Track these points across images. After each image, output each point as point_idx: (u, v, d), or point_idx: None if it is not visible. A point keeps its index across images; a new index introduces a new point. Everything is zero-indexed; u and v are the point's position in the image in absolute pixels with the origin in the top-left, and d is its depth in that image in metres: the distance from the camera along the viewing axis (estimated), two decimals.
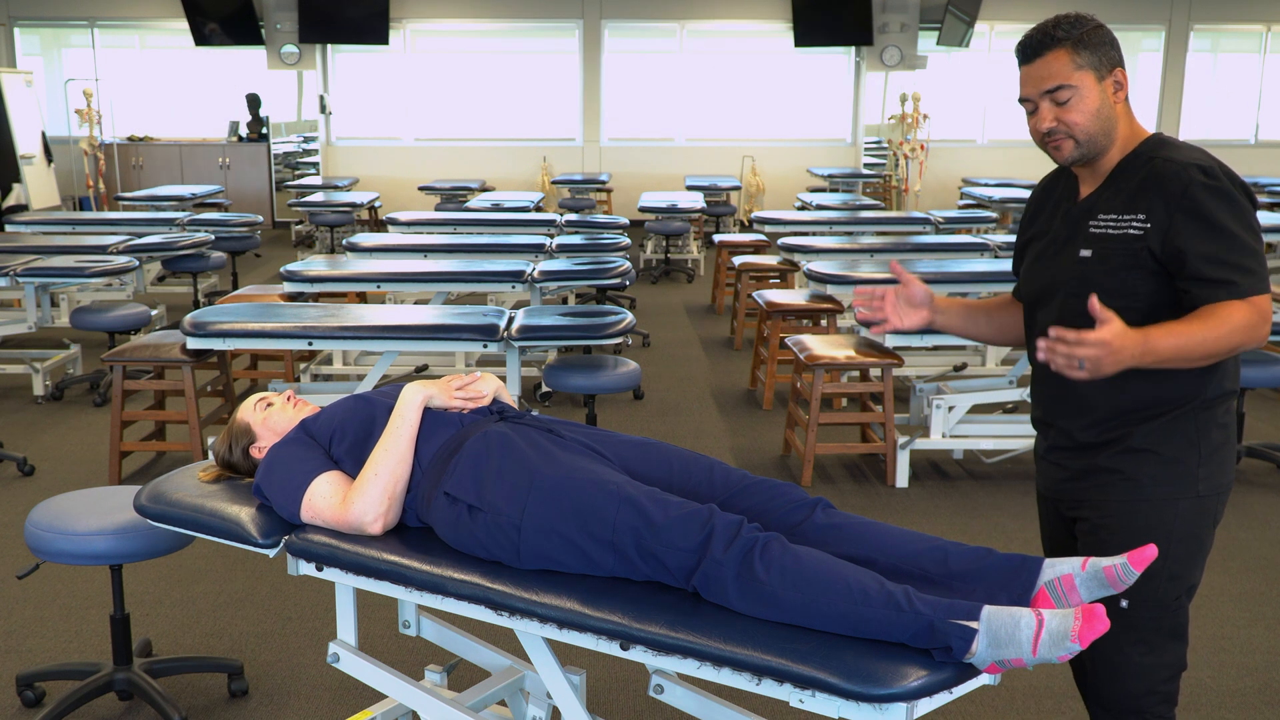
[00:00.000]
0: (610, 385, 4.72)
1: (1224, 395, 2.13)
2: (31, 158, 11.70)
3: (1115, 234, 2.09)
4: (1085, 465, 2.18)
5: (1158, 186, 2.05)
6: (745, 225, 13.47)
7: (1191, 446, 2.10)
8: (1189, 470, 2.11)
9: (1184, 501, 2.11)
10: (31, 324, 6.20)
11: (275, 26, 13.27)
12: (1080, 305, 2.05)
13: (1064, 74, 2.08)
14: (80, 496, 2.99)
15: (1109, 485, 2.14)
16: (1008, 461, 5.21)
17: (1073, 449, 2.19)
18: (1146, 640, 2.13)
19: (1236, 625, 3.63)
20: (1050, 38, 2.10)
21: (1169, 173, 2.04)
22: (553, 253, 6.63)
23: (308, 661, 3.36)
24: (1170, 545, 2.10)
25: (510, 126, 14.19)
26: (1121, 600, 2.10)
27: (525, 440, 2.28)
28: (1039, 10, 13.74)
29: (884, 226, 8.73)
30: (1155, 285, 2.06)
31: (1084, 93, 2.09)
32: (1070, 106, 2.09)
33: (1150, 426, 2.10)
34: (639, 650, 1.97)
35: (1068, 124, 2.10)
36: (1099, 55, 2.09)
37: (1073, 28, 2.10)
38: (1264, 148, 14.60)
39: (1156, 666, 2.15)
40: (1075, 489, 2.21)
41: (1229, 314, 1.97)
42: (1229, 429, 2.16)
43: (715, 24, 14.01)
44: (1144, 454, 2.11)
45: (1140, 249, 2.05)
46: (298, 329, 4.67)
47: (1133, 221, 2.07)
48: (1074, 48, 2.08)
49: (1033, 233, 2.32)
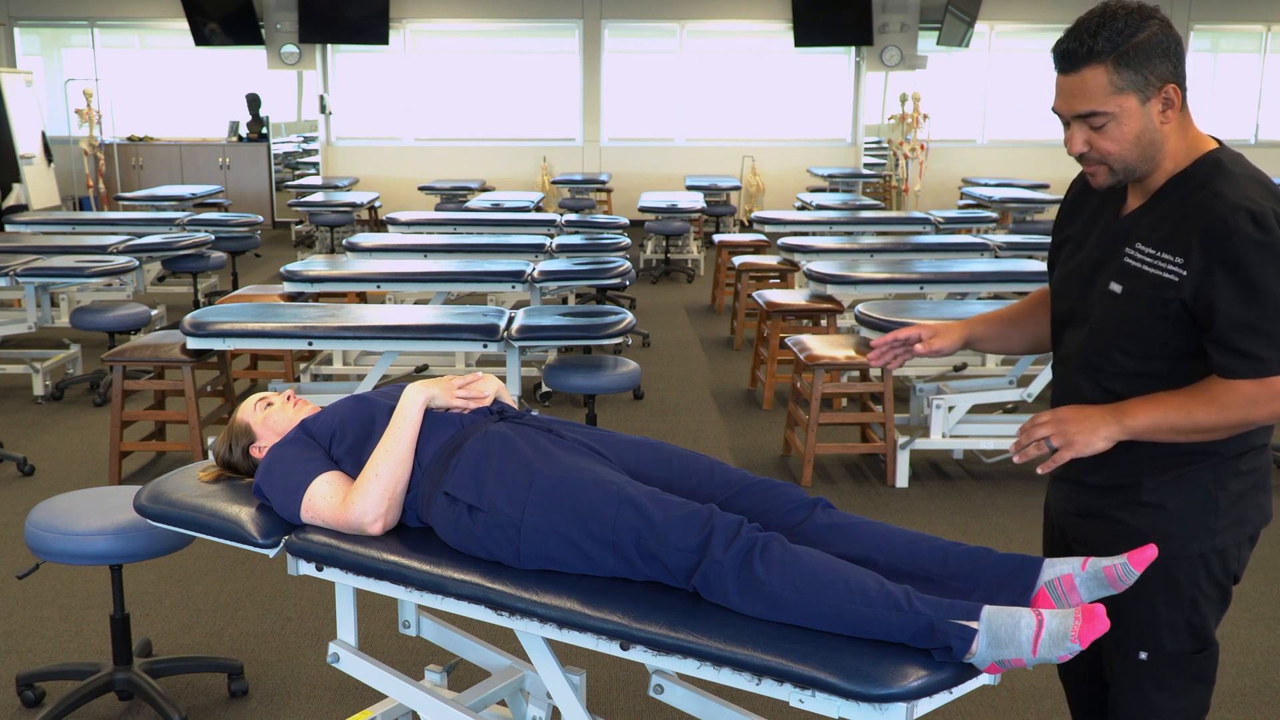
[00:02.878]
0: (610, 385, 4.72)
1: (1249, 451, 1.95)
2: (31, 158, 11.70)
3: (1149, 273, 1.88)
4: (1090, 507, 2.06)
5: (1200, 229, 1.81)
6: (745, 225, 13.47)
7: (1208, 500, 1.94)
8: (1203, 525, 1.95)
9: (1198, 557, 1.96)
10: (31, 324, 6.20)
11: (275, 26, 13.27)
12: (1104, 343, 1.96)
13: (1099, 98, 1.82)
14: (80, 496, 2.99)
15: (1115, 536, 2.01)
16: (1008, 461, 5.21)
17: (1080, 486, 2.08)
18: (1171, 687, 2.02)
19: (1236, 625, 3.63)
20: (1089, 50, 1.81)
21: (1215, 214, 1.80)
22: (553, 253, 6.63)
23: (308, 661, 3.36)
24: (1185, 598, 1.97)
25: (510, 126, 14.18)
26: (1140, 652, 2.00)
27: (525, 440, 2.28)
28: (1039, 10, 13.76)
29: (884, 226, 8.73)
30: (1182, 338, 1.88)
31: (1122, 119, 1.83)
32: (1105, 133, 1.85)
33: (1161, 480, 1.95)
34: (639, 650, 1.97)
35: (1101, 152, 1.87)
36: (1146, 72, 1.81)
37: (1118, 37, 1.79)
38: (1264, 148, 14.59)
39: (1177, 711, 2.04)
40: (1078, 525, 2.11)
41: (1228, 392, 1.82)
42: (1256, 473, 1.98)
43: (715, 24, 14.00)
44: (1153, 510, 1.96)
45: (1172, 299, 1.85)
46: (298, 329, 4.67)
47: (1170, 264, 1.85)
48: (1115, 65, 1.80)
49: (1068, 233, 2.13)
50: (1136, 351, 1.92)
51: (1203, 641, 2.01)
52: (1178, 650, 2.00)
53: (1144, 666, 2.01)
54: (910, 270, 6.08)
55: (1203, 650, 2.02)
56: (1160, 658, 2.01)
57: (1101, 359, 1.98)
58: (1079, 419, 1.87)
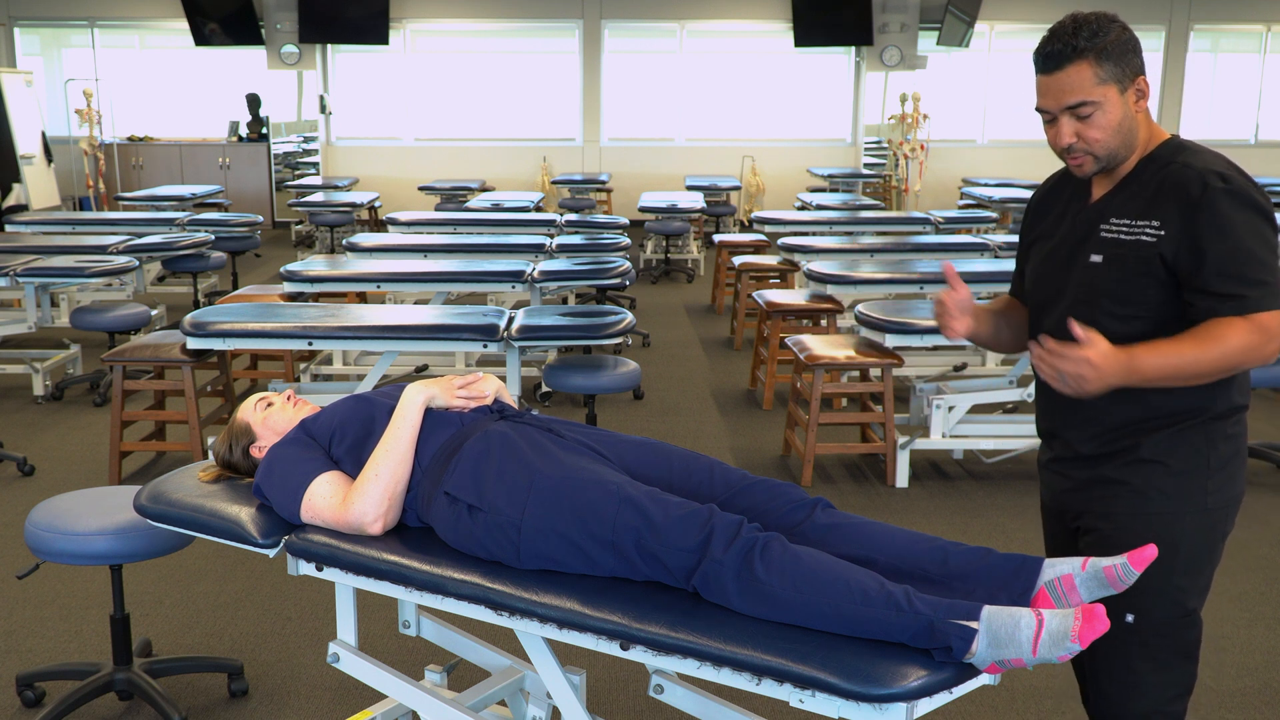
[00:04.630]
0: (610, 385, 4.72)
1: (1234, 409, 2.07)
2: (31, 158, 11.70)
3: (1128, 239, 2.02)
4: (1090, 476, 2.13)
5: (1174, 193, 1.97)
6: (745, 225, 13.47)
7: (1200, 459, 2.04)
8: (1198, 483, 2.05)
9: (1191, 515, 2.05)
10: (31, 324, 6.20)
11: (275, 26, 13.27)
12: (1087, 313, 2.03)
13: (1086, 89, 1.98)
14: (80, 496, 2.99)
15: (1115, 497, 2.09)
16: (1008, 461, 5.21)
17: (1077, 460, 2.15)
18: (1155, 657, 2.08)
19: (1236, 625, 3.63)
20: (1072, 48, 1.97)
21: (1186, 179, 1.96)
22: (553, 253, 6.63)
23: (308, 661, 3.36)
24: (1176, 559, 2.04)
25: (510, 126, 14.19)
26: (1127, 614, 2.05)
27: (525, 440, 2.28)
28: (1039, 10, 13.76)
29: (884, 226, 8.73)
30: (1165, 295, 2.00)
31: (1107, 107, 1.99)
32: (1092, 122, 2.00)
33: (1158, 437, 2.04)
34: (639, 650, 1.97)
35: (1088, 140, 2.01)
36: (1122, 65, 1.98)
37: (1095, 36, 1.97)
38: (1264, 148, 14.60)
39: (1165, 685, 2.09)
40: (1080, 499, 2.16)
41: (1226, 334, 1.91)
42: (1239, 440, 2.10)
43: (715, 24, 14.00)
44: (1152, 465, 2.05)
45: (1152, 256, 1.98)
46: (298, 329, 4.67)
47: (1146, 228, 1.99)
48: (1097, 59, 1.97)
49: (1038, 233, 2.24)
50: (1122, 314, 1.99)
51: (1188, 609, 2.07)
52: (1164, 617, 2.06)
53: (1130, 630, 2.07)
54: (910, 270, 6.08)
55: (1187, 619, 2.08)
56: (1146, 624, 2.06)
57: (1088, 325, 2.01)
58: (1100, 373, 1.87)
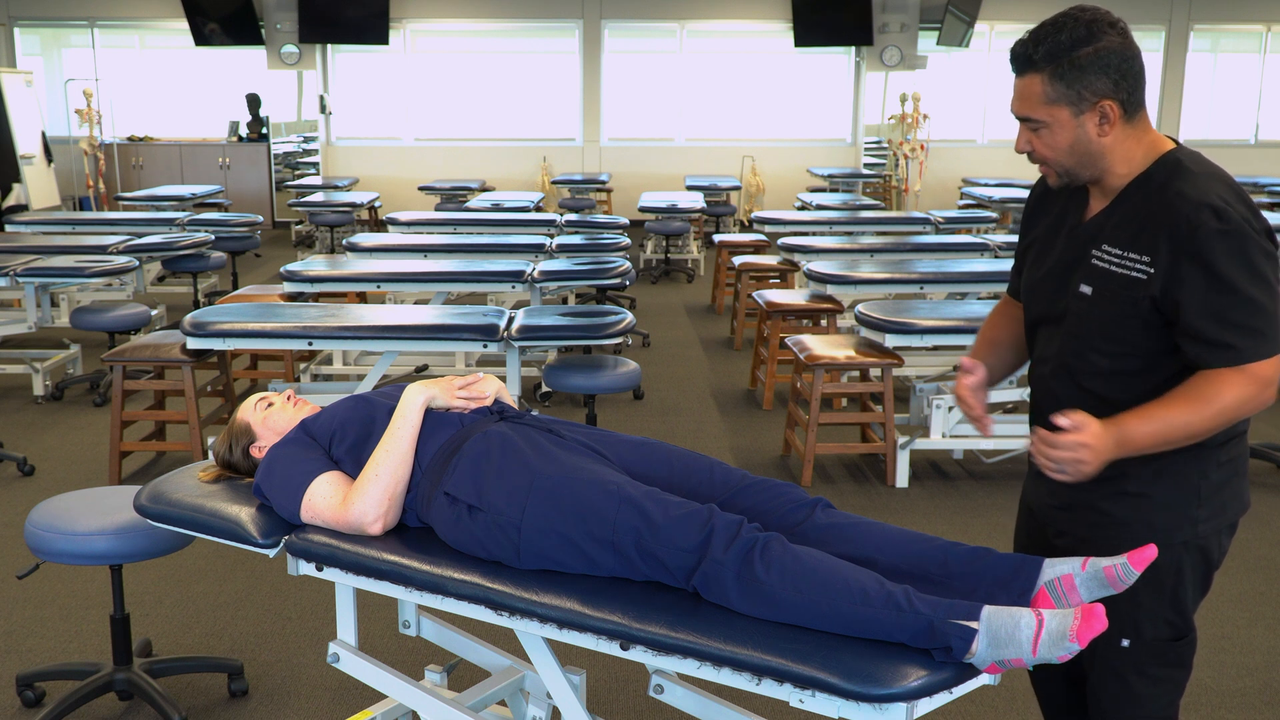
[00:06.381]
0: (610, 385, 4.72)
1: (1230, 435, 1.98)
2: (31, 158, 11.70)
3: (1118, 273, 1.92)
4: (1075, 500, 2.07)
5: (1166, 228, 1.86)
6: (745, 225, 13.47)
7: (1190, 489, 1.97)
8: (1186, 514, 1.98)
9: (1179, 546, 1.99)
10: (31, 324, 6.20)
11: (275, 26, 13.27)
12: (1079, 345, 1.99)
13: (1033, 106, 1.90)
14: (80, 496, 2.99)
15: (1097, 525, 2.05)
16: (1008, 461, 5.21)
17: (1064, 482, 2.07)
18: (1149, 673, 2.05)
19: (1236, 625, 3.63)
20: (1028, 58, 1.88)
21: (1178, 215, 1.84)
22: (553, 253, 6.63)
23: (308, 661, 3.36)
24: (1164, 589, 2.00)
25: (510, 126, 14.18)
26: (1122, 639, 2.03)
27: (525, 440, 2.28)
28: (1039, 10, 13.74)
29: (884, 226, 8.73)
30: (1156, 335, 1.91)
31: (1055, 128, 1.90)
32: (1040, 138, 1.93)
33: (1147, 470, 1.97)
34: (639, 650, 1.97)
35: (1039, 155, 1.96)
36: (1080, 88, 1.85)
37: (1059, 50, 1.85)
38: (1264, 148, 14.60)
39: (1157, 695, 2.07)
40: (1063, 518, 2.12)
41: (1219, 390, 1.84)
42: (1236, 464, 2.02)
43: (715, 24, 14.00)
44: (1138, 499, 1.99)
45: (1141, 298, 1.89)
46: (298, 329, 4.67)
47: (1137, 263, 1.89)
48: (1050, 77, 1.86)
49: (1034, 236, 2.17)
50: (1112, 351, 1.95)
51: (1182, 629, 2.05)
52: (1158, 638, 2.04)
53: (1125, 654, 2.05)
54: (910, 270, 6.08)
55: (1182, 638, 2.05)
56: (1141, 645, 2.04)
57: (1078, 360, 2.01)
58: (1096, 458, 1.84)
